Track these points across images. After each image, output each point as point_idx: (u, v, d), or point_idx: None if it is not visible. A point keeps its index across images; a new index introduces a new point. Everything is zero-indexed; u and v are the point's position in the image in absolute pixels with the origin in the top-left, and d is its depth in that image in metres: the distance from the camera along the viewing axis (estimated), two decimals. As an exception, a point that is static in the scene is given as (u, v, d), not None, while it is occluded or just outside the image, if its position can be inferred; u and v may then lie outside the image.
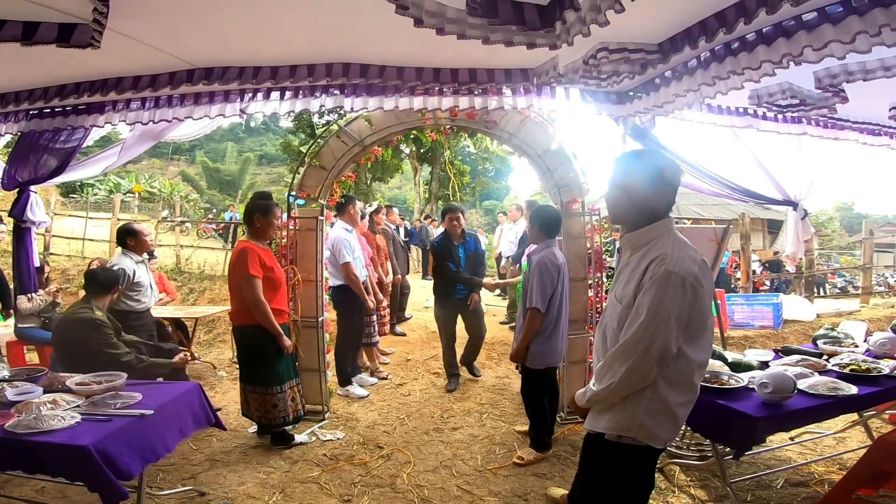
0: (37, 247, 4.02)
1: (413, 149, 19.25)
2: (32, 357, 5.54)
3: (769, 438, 3.29)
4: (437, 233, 15.12)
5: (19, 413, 2.37)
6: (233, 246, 11.12)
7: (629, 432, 1.81)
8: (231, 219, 16.60)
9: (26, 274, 3.82)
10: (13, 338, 5.12)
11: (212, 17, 2.25)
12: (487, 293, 10.65)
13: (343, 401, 4.66)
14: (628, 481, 1.91)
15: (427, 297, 9.08)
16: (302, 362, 4.13)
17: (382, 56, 2.77)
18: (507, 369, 5.69)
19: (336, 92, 3.14)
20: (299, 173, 4.25)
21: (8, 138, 3.78)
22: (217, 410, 3.10)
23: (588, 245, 4.05)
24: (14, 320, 5.20)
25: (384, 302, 5.74)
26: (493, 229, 12.88)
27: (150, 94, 3.12)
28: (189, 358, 3.96)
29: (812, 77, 2.77)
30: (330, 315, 4.67)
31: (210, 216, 21.23)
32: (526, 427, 3.85)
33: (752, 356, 3.32)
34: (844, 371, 2.95)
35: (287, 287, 4.00)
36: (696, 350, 1.77)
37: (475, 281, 5.02)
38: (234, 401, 4.59)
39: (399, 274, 6.50)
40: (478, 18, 1.84)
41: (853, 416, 3.52)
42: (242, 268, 3.37)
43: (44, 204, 3.95)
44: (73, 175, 3.94)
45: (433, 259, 5.17)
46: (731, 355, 3.26)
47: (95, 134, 3.73)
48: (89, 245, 10.95)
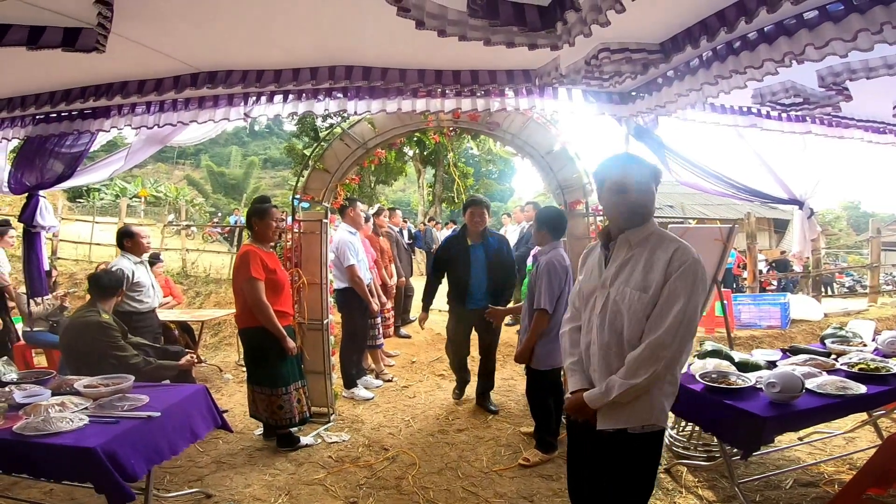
0: (46, 251, 4.05)
1: (416, 151, 19.29)
2: (40, 360, 5.59)
3: (778, 438, 3.27)
4: (442, 235, 15.25)
5: (28, 415, 2.39)
6: (238, 249, 11.19)
7: (653, 420, 1.85)
8: (236, 222, 16.67)
9: (36, 278, 3.84)
10: (22, 341, 5.17)
11: (215, 21, 2.27)
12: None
13: (348, 403, 4.67)
14: (653, 467, 1.97)
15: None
16: (307, 365, 4.14)
17: (385, 58, 2.78)
18: (513, 371, 5.68)
19: (339, 95, 3.15)
20: (303, 177, 4.26)
21: (15, 143, 3.81)
22: (223, 413, 3.11)
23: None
24: (22, 323, 5.26)
25: (388, 304, 5.74)
26: (497, 231, 12.90)
27: (156, 98, 3.15)
28: (195, 361, 3.98)
29: (815, 75, 2.76)
30: (335, 318, 4.68)
31: (215, 220, 21.33)
32: (531, 428, 3.84)
33: (760, 356, 3.30)
34: (853, 370, 2.93)
35: (292, 290, 4.02)
36: None
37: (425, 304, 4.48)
38: (241, 403, 4.61)
39: (403, 276, 6.51)
40: (479, 20, 1.84)
41: (862, 416, 3.50)
42: (245, 270, 3.42)
43: (51, 206, 3.98)
44: (81, 180, 3.97)
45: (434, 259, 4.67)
46: (739, 355, 3.24)
47: (102, 139, 3.76)
48: (96, 249, 11.02)
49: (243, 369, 5.83)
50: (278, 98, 3.20)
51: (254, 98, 3.22)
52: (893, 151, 4.11)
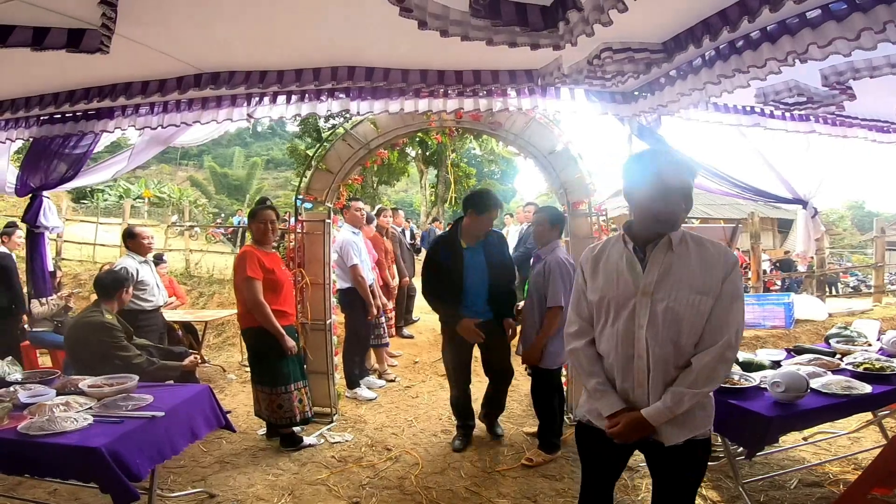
0: (50, 252, 4.07)
1: (419, 152, 19.30)
2: (45, 361, 5.60)
3: (782, 438, 3.26)
4: None
5: (32, 415, 2.39)
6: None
7: (712, 422, 1.84)
8: (239, 223, 16.72)
9: (40, 278, 3.88)
10: (26, 341, 5.19)
11: (218, 23, 2.28)
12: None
13: (351, 403, 4.68)
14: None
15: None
16: (310, 365, 4.15)
17: (387, 59, 2.79)
18: (516, 371, 5.66)
19: (342, 95, 3.16)
20: (306, 177, 4.27)
21: (19, 144, 3.83)
22: (227, 413, 3.12)
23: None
24: (27, 324, 5.28)
25: (390, 305, 5.74)
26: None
27: (159, 99, 3.16)
28: (199, 361, 3.99)
29: (819, 75, 2.76)
30: (338, 318, 4.69)
31: (219, 221, 21.38)
32: (534, 429, 3.84)
33: (764, 356, 3.29)
34: (858, 370, 2.91)
35: (295, 290, 4.03)
36: None
37: (454, 318, 3.51)
38: (244, 403, 4.62)
39: (406, 276, 6.51)
40: (481, 20, 1.85)
41: (867, 416, 3.48)
42: (242, 270, 3.47)
43: (55, 207, 4.00)
44: (85, 180, 4.00)
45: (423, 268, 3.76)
46: (743, 355, 3.23)
47: (105, 140, 3.78)
48: (100, 250, 11.06)
49: (247, 369, 5.85)
50: (281, 99, 3.21)
51: (257, 99, 3.23)
52: (898, 151, 4.09)
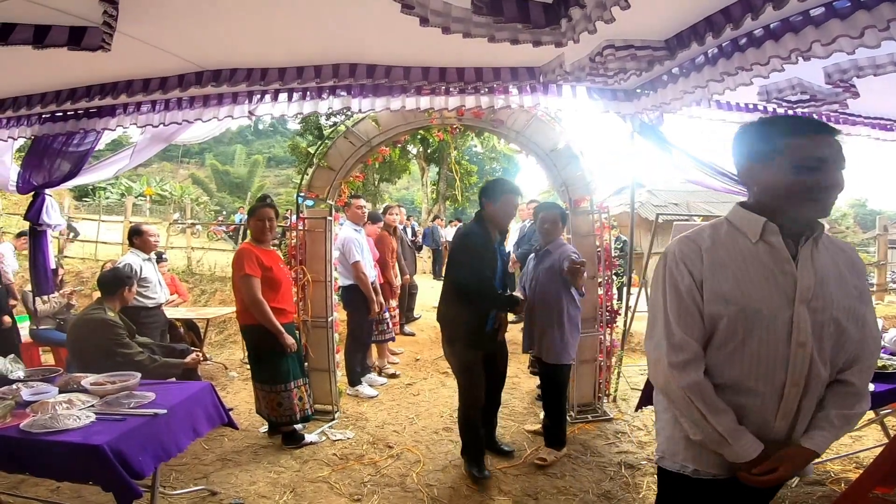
0: (52, 249, 4.08)
1: (420, 149, 19.29)
2: (48, 358, 5.62)
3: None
4: (448, 233, 14.96)
5: (35, 413, 2.39)
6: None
7: None
8: (241, 221, 16.74)
9: (43, 276, 3.87)
10: (29, 339, 5.21)
11: (219, 20, 2.27)
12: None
13: (353, 400, 4.68)
14: None
15: (436, 298, 9.07)
16: (312, 362, 4.16)
17: (389, 56, 2.77)
18: (516, 369, 5.67)
19: (343, 93, 3.15)
20: (308, 174, 4.27)
21: (21, 142, 3.83)
22: (229, 410, 3.12)
23: (597, 243, 4.04)
24: (29, 322, 5.30)
25: (393, 303, 5.75)
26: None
27: (160, 97, 3.16)
28: (201, 358, 4.00)
29: (822, 72, 2.75)
30: (339, 315, 4.69)
31: (220, 218, 21.40)
32: (535, 426, 3.85)
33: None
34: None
35: (297, 287, 4.04)
36: None
37: (514, 301, 3.27)
38: (246, 401, 4.63)
39: (408, 274, 6.52)
40: (483, 17, 1.84)
41: (869, 414, 3.48)
42: (239, 268, 3.47)
43: (57, 204, 4.00)
44: (87, 178, 4.00)
45: (453, 268, 3.28)
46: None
47: (107, 137, 3.78)
48: (102, 248, 11.08)
49: (248, 367, 5.86)
50: (283, 97, 3.20)
51: (258, 96, 3.22)
52: (901, 148, 4.07)
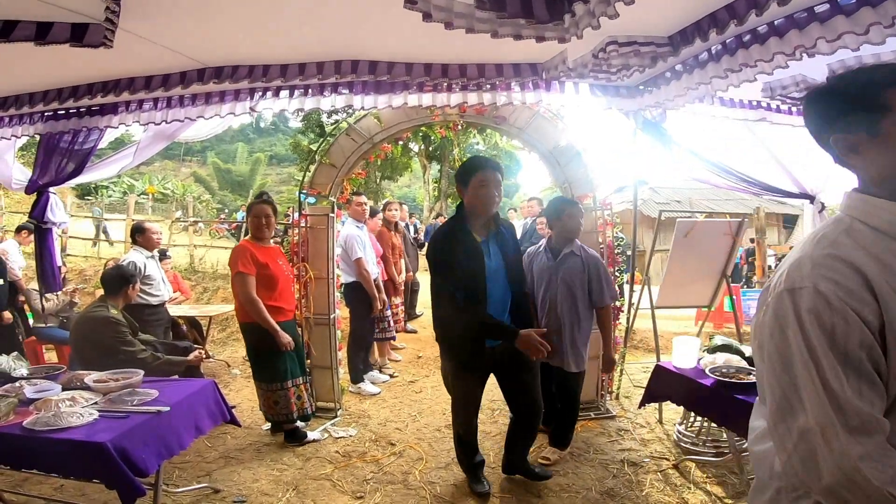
0: (58, 247, 4.08)
1: (422, 146, 19.25)
2: (51, 356, 5.63)
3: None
4: None
5: (38, 410, 2.39)
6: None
7: None
8: (243, 218, 16.75)
9: (49, 274, 3.87)
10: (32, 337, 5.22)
11: (221, 17, 2.26)
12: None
13: (355, 398, 4.68)
14: None
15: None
16: (314, 360, 4.16)
17: (391, 52, 2.77)
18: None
19: (345, 90, 3.14)
20: (310, 171, 4.26)
21: (23, 140, 3.83)
22: (231, 408, 3.12)
23: (600, 240, 4.03)
24: (33, 319, 5.31)
25: (397, 300, 5.74)
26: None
27: (163, 94, 3.15)
28: (204, 356, 4.00)
29: (826, 69, 2.73)
30: (342, 312, 4.69)
31: (223, 216, 21.42)
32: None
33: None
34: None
35: (299, 284, 4.03)
36: None
37: (510, 333, 2.62)
38: (248, 398, 4.63)
39: (411, 271, 6.52)
40: (486, 12, 1.83)
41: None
42: (234, 266, 3.47)
43: (61, 202, 4.00)
44: (90, 177, 3.99)
45: (430, 272, 2.92)
46: (749, 349, 3.22)
47: (109, 135, 3.78)
48: (104, 246, 11.10)
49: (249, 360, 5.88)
50: (284, 93, 3.20)
51: (260, 93, 3.22)
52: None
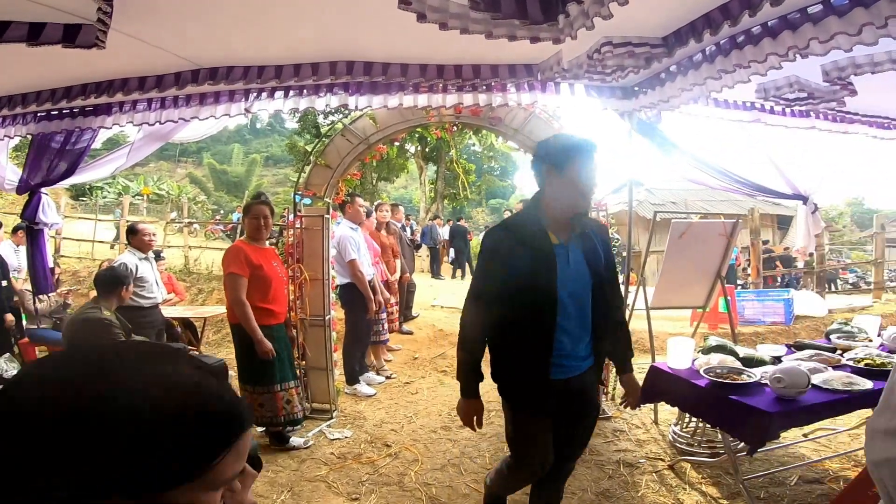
0: (50, 248, 4.05)
1: (418, 147, 19.25)
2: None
3: (782, 435, 3.28)
4: (445, 232, 14.60)
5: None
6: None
7: None
8: (238, 220, 16.68)
9: (41, 275, 3.85)
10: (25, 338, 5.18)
11: (215, 17, 2.26)
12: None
13: (351, 399, 4.67)
14: None
15: (434, 296, 9.05)
16: (309, 361, 4.15)
17: (386, 53, 2.76)
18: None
19: (340, 91, 3.14)
20: (305, 172, 4.25)
21: (17, 140, 3.81)
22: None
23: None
24: (25, 321, 5.27)
25: (392, 300, 5.73)
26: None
27: (157, 95, 3.14)
28: (196, 357, 3.97)
29: (819, 70, 2.75)
30: (337, 314, 4.67)
31: (217, 217, 21.35)
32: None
33: (765, 351, 3.29)
34: (859, 365, 2.92)
35: (294, 286, 4.01)
36: None
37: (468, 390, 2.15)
38: (243, 400, 4.61)
39: (407, 272, 6.51)
40: (480, 13, 1.83)
41: (868, 412, 3.48)
42: (226, 265, 3.42)
43: (53, 203, 3.98)
44: (83, 177, 3.98)
45: (474, 287, 2.14)
46: (744, 350, 3.24)
47: (103, 136, 3.76)
48: (98, 247, 11.05)
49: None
50: (279, 94, 3.19)
51: (255, 94, 3.21)
52: (898, 146, 4.08)
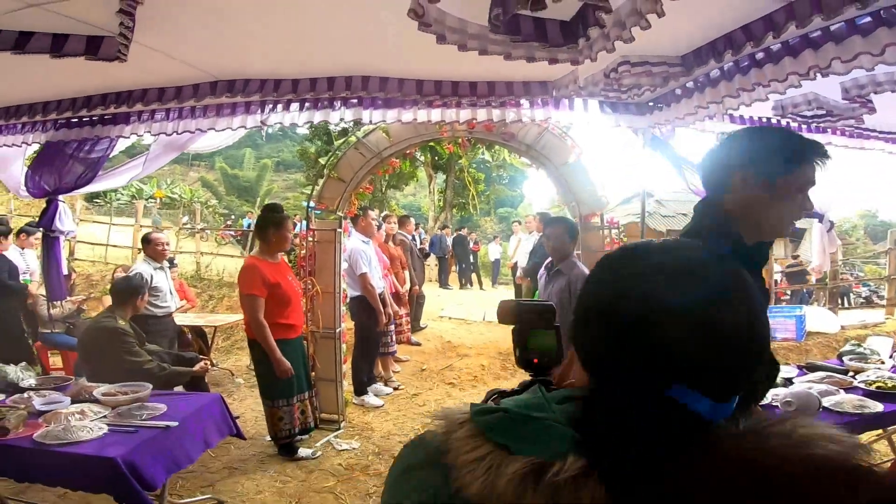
0: (65, 253, 4.08)
1: (428, 157, 19.29)
2: (55, 361, 5.63)
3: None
4: (451, 241, 14.40)
5: (48, 423, 2.39)
6: (250, 253, 11.18)
7: None
8: (249, 225, 16.73)
9: (56, 282, 3.86)
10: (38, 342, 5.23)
11: (233, 32, 2.27)
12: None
13: (358, 410, 4.66)
14: None
15: (442, 307, 9.01)
16: (319, 372, 4.15)
17: (401, 69, 2.78)
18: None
19: (355, 103, 3.15)
20: (318, 185, 4.26)
21: (35, 147, 3.84)
22: (235, 418, 3.12)
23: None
24: (39, 326, 5.30)
25: (402, 311, 5.74)
26: (508, 238, 12.82)
27: (175, 106, 3.15)
28: (209, 366, 3.99)
29: (839, 87, 2.72)
30: (346, 325, 4.68)
31: (228, 223, 21.45)
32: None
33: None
34: (870, 388, 2.91)
35: (306, 298, 4.02)
36: None
37: None
38: (251, 408, 4.62)
39: (417, 284, 6.51)
40: (500, 35, 1.83)
41: (877, 431, 3.44)
42: (244, 286, 3.42)
43: (70, 210, 4.01)
44: (100, 185, 3.98)
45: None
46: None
47: (121, 144, 3.78)
48: (112, 251, 11.14)
49: (254, 374, 5.84)
50: (294, 106, 3.21)
51: (270, 106, 3.23)
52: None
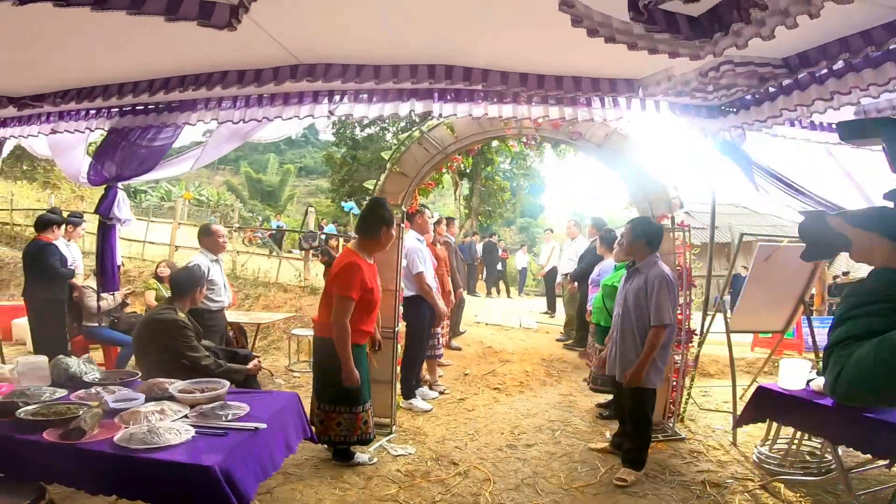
0: (120, 245, 4.01)
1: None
2: (95, 356, 5.58)
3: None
4: (481, 249, 14.32)
5: (125, 423, 2.18)
6: (281, 254, 11.20)
7: None
8: (277, 227, 16.84)
9: (109, 272, 3.80)
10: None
11: (327, 9, 2.17)
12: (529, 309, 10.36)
13: (407, 414, 4.55)
14: None
15: (475, 313, 8.89)
16: (374, 373, 4.03)
17: (487, 60, 2.68)
18: (570, 387, 5.53)
19: (425, 97, 3.04)
20: (380, 180, 4.18)
21: (96, 135, 3.79)
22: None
23: (678, 262, 3.88)
24: (84, 319, 5.25)
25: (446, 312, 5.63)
26: (531, 248, 12.69)
27: (255, 90, 3.03)
28: (261, 365, 3.90)
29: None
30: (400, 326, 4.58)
31: (257, 224, 21.61)
32: (601, 444, 3.79)
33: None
34: None
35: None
36: None
37: None
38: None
39: (461, 288, 6.41)
40: (642, 27, 1.75)
41: None
42: (342, 286, 3.14)
43: (128, 202, 3.97)
44: (161, 173, 3.92)
45: None
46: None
47: (185, 135, 3.72)
48: (149, 248, 11.26)
49: (294, 374, 5.78)
50: (363, 97, 3.11)
51: (338, 96, 3.14)
52: None
